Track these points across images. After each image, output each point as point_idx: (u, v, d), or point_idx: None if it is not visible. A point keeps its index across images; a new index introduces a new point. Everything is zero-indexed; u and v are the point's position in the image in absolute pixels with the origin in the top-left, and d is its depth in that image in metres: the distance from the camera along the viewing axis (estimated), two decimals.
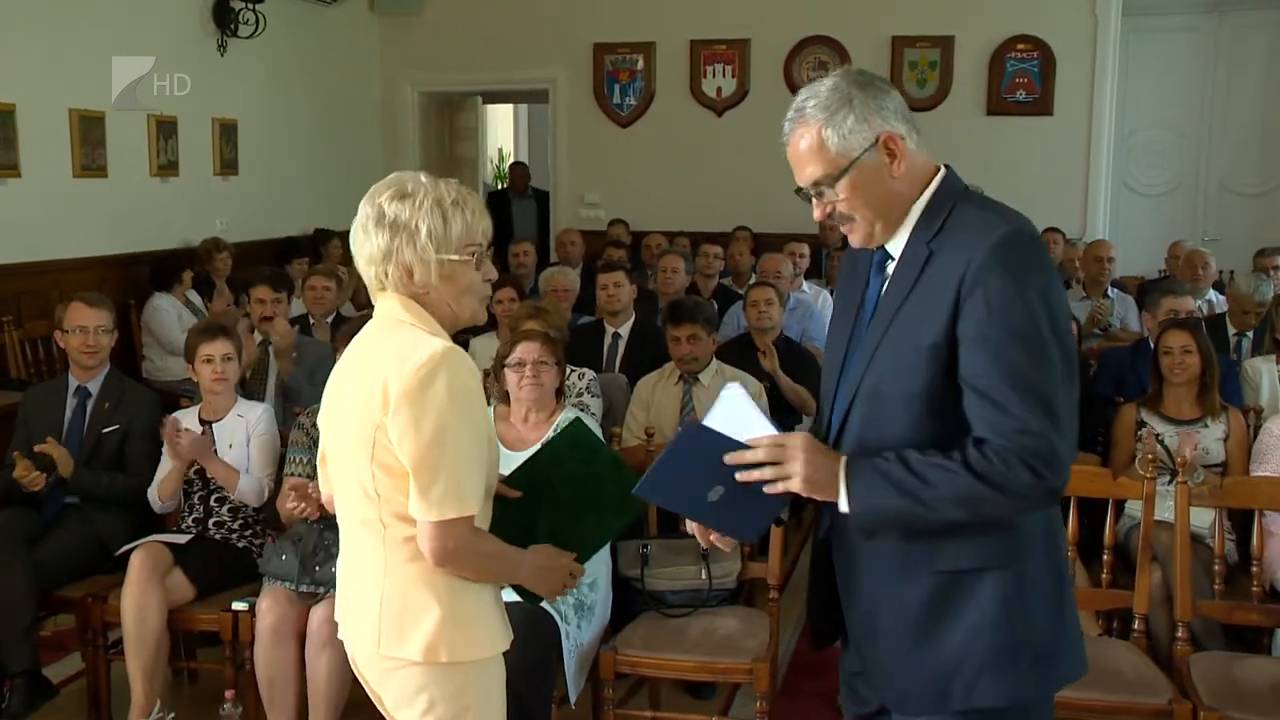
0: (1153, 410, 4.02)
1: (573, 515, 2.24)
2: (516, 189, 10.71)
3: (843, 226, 1.90)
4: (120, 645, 3.55)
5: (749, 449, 1.84)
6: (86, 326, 3.96)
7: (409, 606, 1.98)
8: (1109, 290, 6.62)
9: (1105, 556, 3.29)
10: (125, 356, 6.21)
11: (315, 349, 4.93)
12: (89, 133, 6.49)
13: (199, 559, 3.61)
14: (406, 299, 2.00)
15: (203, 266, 7.01)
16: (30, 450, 3.77)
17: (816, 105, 1.83)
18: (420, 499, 1.92)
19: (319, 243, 8.13)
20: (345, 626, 2.12)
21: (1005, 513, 1.79)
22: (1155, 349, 4.10)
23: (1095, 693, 2.90)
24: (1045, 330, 1.75)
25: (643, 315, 5.60)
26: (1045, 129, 8.49)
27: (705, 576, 3.43)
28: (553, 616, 3.11)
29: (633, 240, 8.44)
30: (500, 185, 12.13)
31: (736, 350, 5.16)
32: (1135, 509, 3.53)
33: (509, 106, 13.32)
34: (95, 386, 4.00)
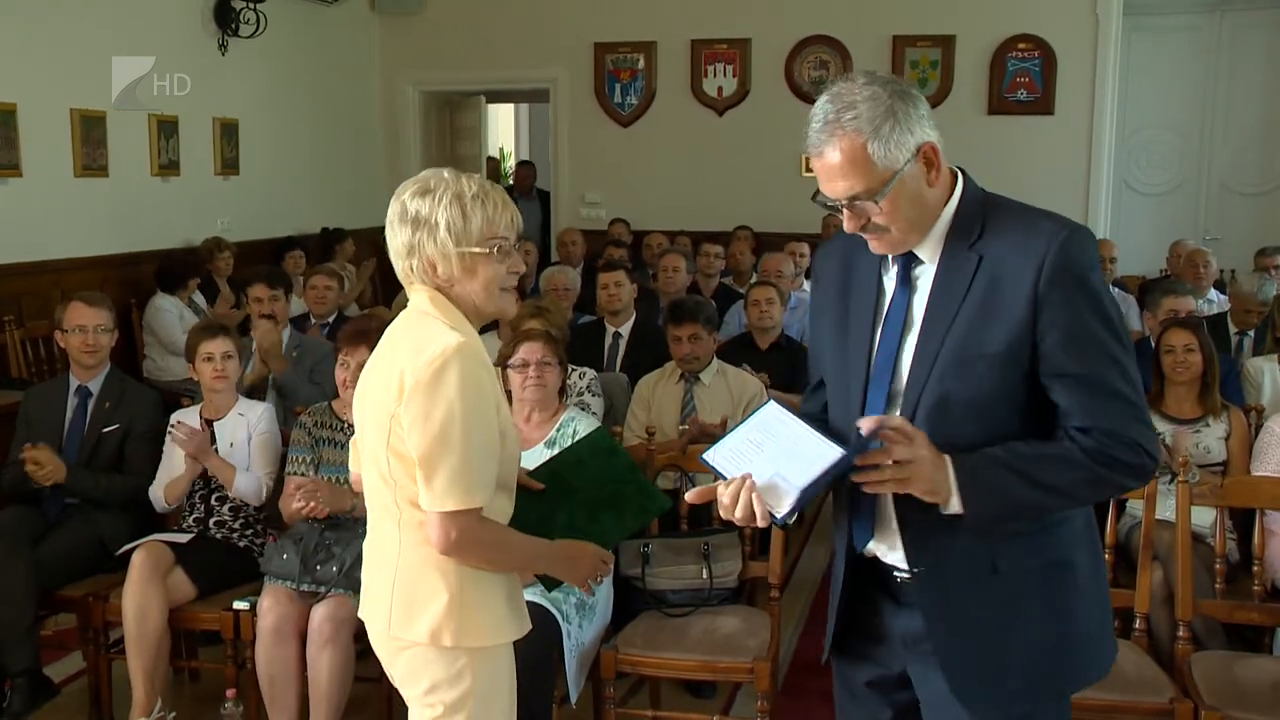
0: (1154, 409, 4.01)
1: (590, 513, 2.30)
2: (521, 189, 10.67)
3: (872, 236, 1.86)
4: (121, 644, 3.55)
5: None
6: (86, 326, 3.96)
7: (419, 590, 2.06)
8: (1110, 290, 6.61)
9: (1106, 556, 3.28)
10: (126, 356, 6.22)
11: (315, 348, 4.92)
12: (90, 132, 6.49)
13: (200, 558, 3.61)
14: (433, 292, 2.08)
15: (204, 267, 7.02)
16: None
17: (858, 118, 1.77)
18: (425, 489, 1.99)
19: (332, 242, 8.14)
20: (364, 604, 2.20)
21: (1111, 495, 1.91)
22: (1157, 348, 4.10)
23: (1096, 692, 2.87)
24: (1120, 320, 1.84)
25: (643, 314, 5.60)
26: (1046, 128, 8.48)
27: (706, 576, 3.43)
28: (554, 616, 3.11)
29: (634, 239, 8.45)
30: (503, 185, 12.12)
31: (737, 350, 5.16)
32: (1136, 508, 3.53)
33: (510, 106, 13.32)
34: (96, 386, 4.01)
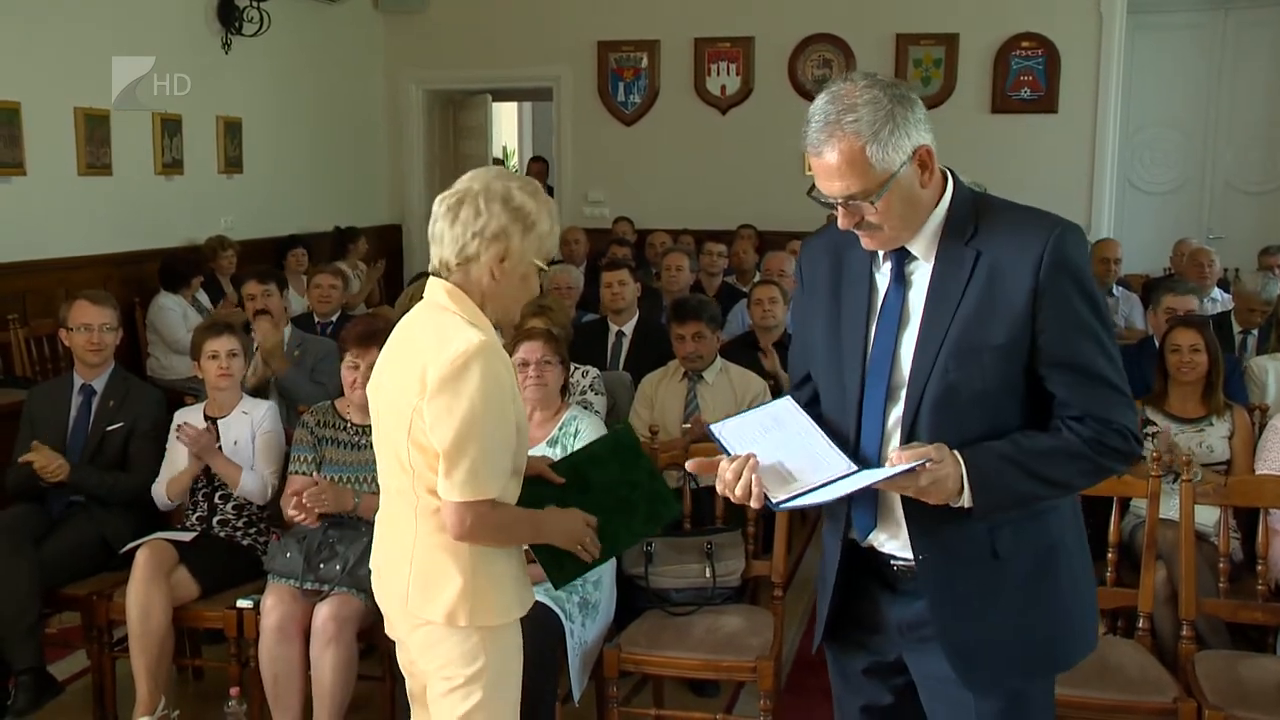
0: (1157, 408, 4.01)
1: (604, 515, 2.37)
2: None
3: (864, 233, 1.90)
4: (125, 643, 3.56)
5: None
6: (91, 324, 3.96)
7: (434, 573, 2.19)
8: (1114, 289, 6.61)
9: (1110, 555, 3.28)
10: (130, 355, 6.23)
11: (317, 346, 4.92)
12: (94, 131, 6.50)
13: (203, 557, 3.62)
14: (453, 287, 2.17)
15: (208, 265, 7.02)
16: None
17: (858, 121, 1.81)
18: (445, 480, 2.11)
19: (345, 240, 8.15)
20: (378, 583, 2.35)
21: (1101, 473, 1.92)
22: (1162, 347, 4.09)
23: (1100, 691, 2.91)
24: (1106, 311, 1.92)
25: (647, 313, 5.60)
26: (1050, 127, 8.47)
27: (709, 574, 3.43)
28: (557, 615, 3.11)
29: (637, 238, 8.45)
30: None
31: (740, 348, 5.16)
32: (1140, 507, 3.52)
33: (513, 105, 13.31)
34: (100, 384, 4.01)
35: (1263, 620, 3.29)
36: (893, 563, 1.99)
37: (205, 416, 3.85)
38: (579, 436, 3.41)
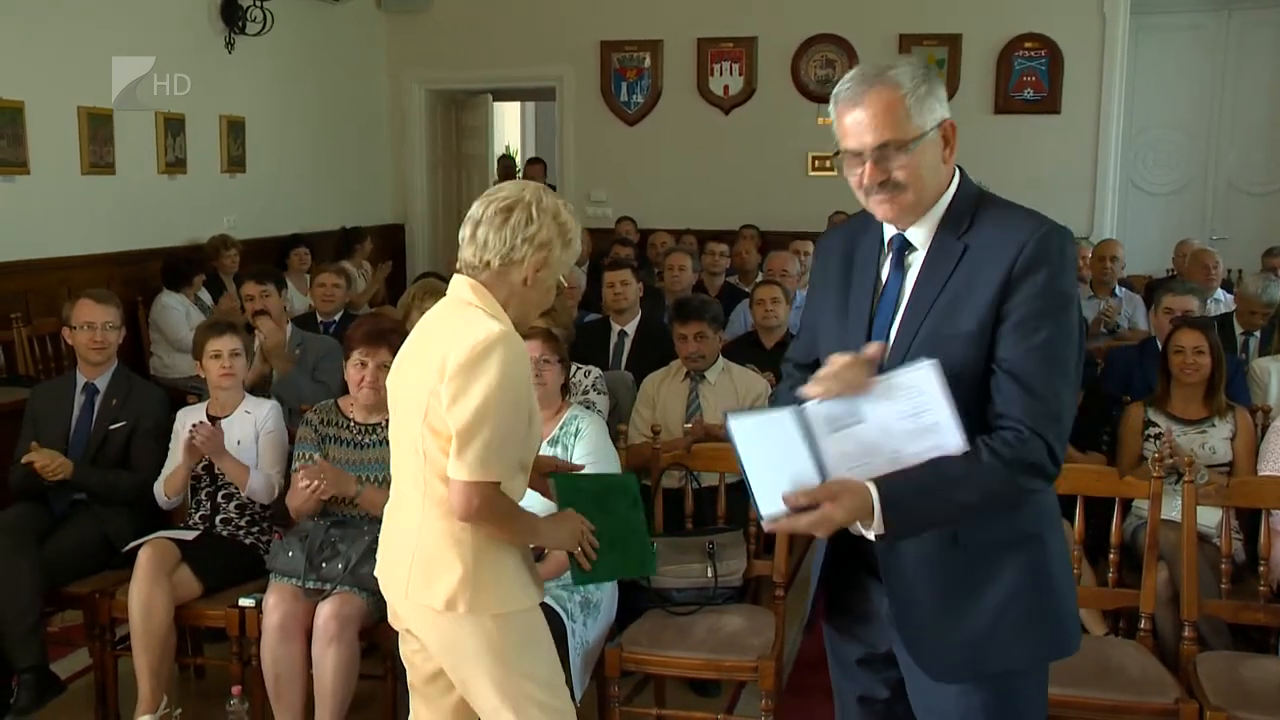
0: (1160, 410, 4.01)
1: (611, 538, 2.45)
2: None
3: (882, 197, 1.94)
4: (127, 641, 3.56)
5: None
6: (94, 323, 3.97)
7: (436, 560, 2.26)
8: (1116, 289, 6.61)
9: (1111, 556, 3.29)
10: (133, 353, 6.24)
11: (318, 345, 4.91)
12: (97, 130, 6.51)
13: (206, 555, 3.62)
14: (478, 283, 2.28)
15: (210, 264, 7.03)
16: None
17: (899, 74, 1.91)
18: (456, 459, 2.18)
19: (352, 240, 8.16)
20: (382, 570, 2.41)
21: (1016, 495, 1.89)
22: (1165, 348, 4.09)
23: (1101, 692, 2.91)
24: (1075, 323, 1.91)
25: (649, 313, 5.59)
26: (1053, 127, 8.47)
27: (711, 574, 3.43)
28: (558, 614, 3.11)
29: (639, 238, 8.45)
30: None
31: (743, 348, 5.16)
32: (1142, 508, 3.52)
33: (516, 105, 13.32)
34: (103, 383, 4.01)
35: (1264, 621, 3.29)
36: (875, 549, 2.01)
37: (208, 416, 3.85)
38: (580, 436, 3.41)
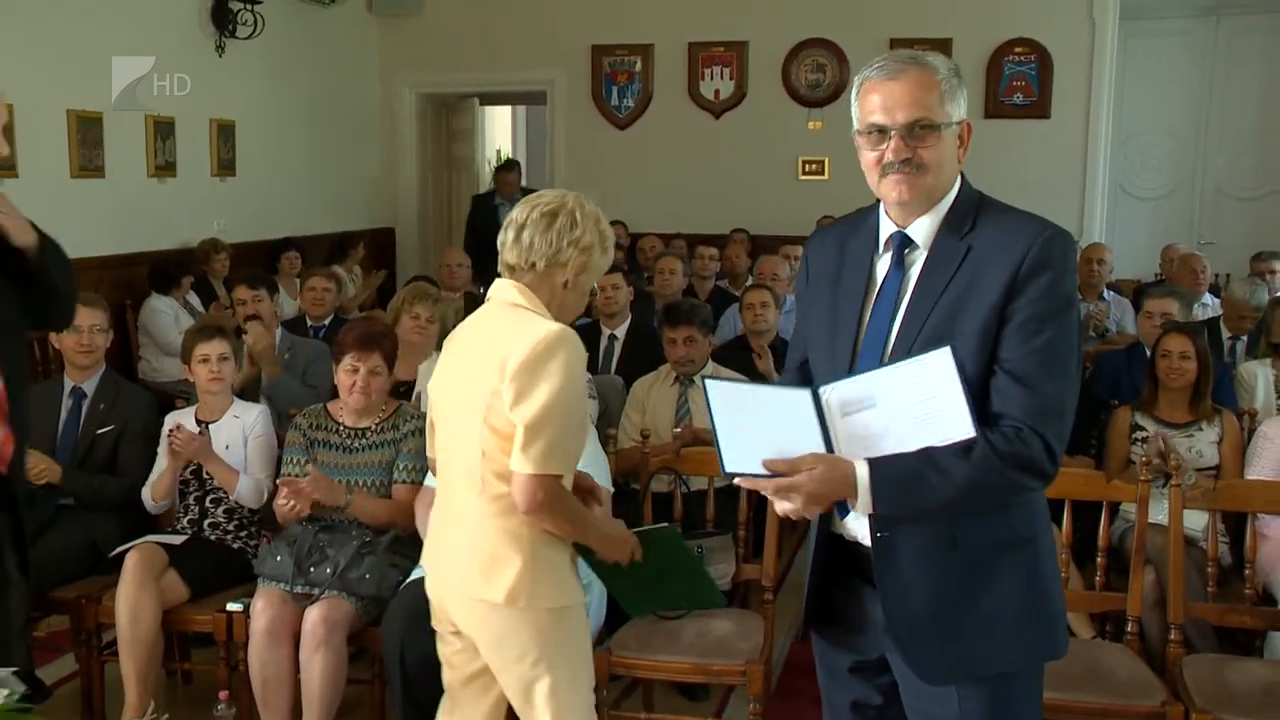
0: (1147, 413, 4.03)
1: (649, 574, 2.57)
2: (504, 194, 9.29)
3: (901, 176, 1.94)
4: (114, 646, 3.54)
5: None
6: (82, 326, 3.95)
7: (496, 556, 2.33)
8: (1105, 293, 6.63)
9: (1099, 559, 3.29)
10: (121, 357, 6.22)
11: (308, 349, 4.91)
12: (87, 133, 6.49)
13: (194, 560, 3.61)
14: (522, 285, 2.37)
15: (200, 268, 7.02)
16: None
17: (935, 60, 1.96)
18: (522, 453, 2.25)
19: (346, 245, 8.16)
20: (433, 570, 2.49)
21: (1010, 491, 1.90)
22: (1153, 352, 4.10)
23: (1088, 695, 2.92)
24: (1076, 326, 1.94)
25: (639, 317, 5.60)
26: (1043, 132, 8.50)
27: None
28: None
29: (630, 242, 8.45)
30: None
31: (732, 352, 5.17)
32: (1129, 511, 3.53)
33: (508, 108, 13.31)
34: (90, 387, 4.00)
35: (1250, 624, 3.31)
36: (868, 554, 2.01)
37: (196, 420, 3.84)
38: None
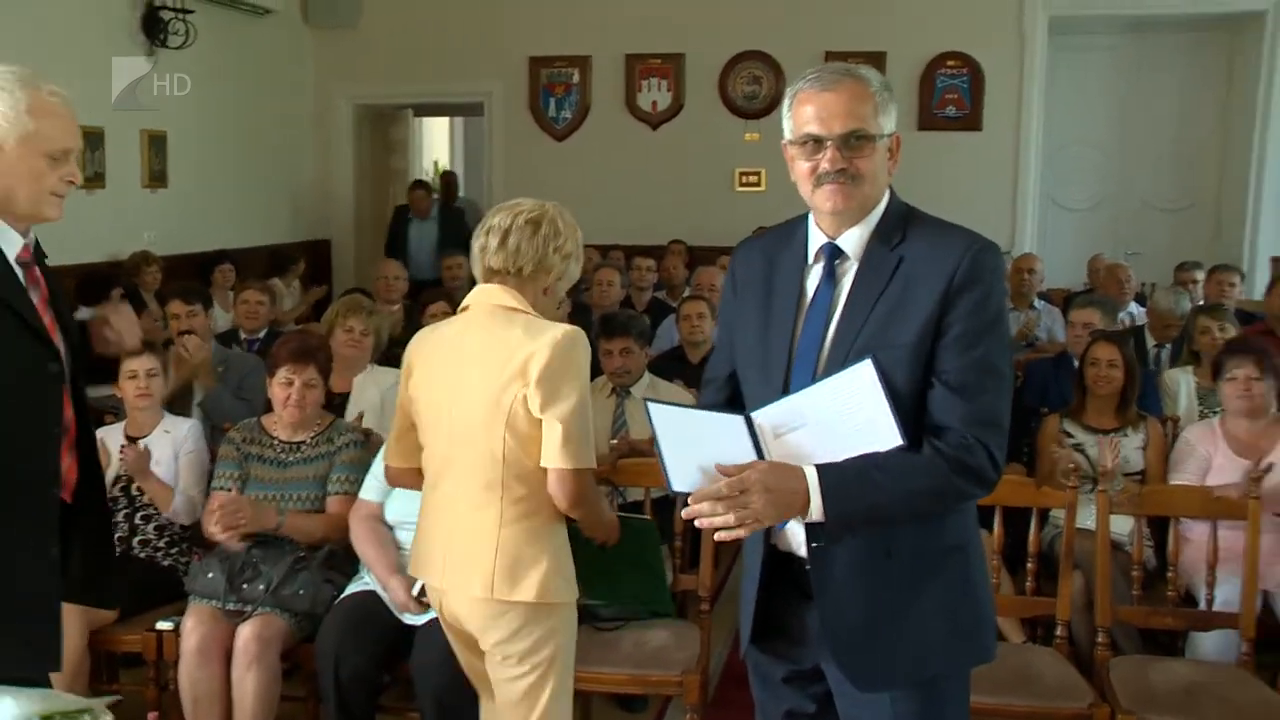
0: (1075, 420, 4.11)
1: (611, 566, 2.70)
2: (418, 210, 9.33)
3: (836, 186, 1.96)
4: None
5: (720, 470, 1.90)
6: None
7: (522, 557, 2.40)
8: (1035, 302, 6.76)
9: (1029, 564, 3.35)
10: None
11: (241, 362, 4.84)
12: None
13: (122, 579, 3.53)
14: (509, 288, 2.42)
15: (131, 280, 6.89)
16: None
17: (870, 75, 1.99)
18: (562, 450, 2.34)
19: (285, 261, 8.09)
20: (446, 578, 2.51)
21: (954, 499, 1.95)
22: (1081, 361, 4.19)
23: (1017, 699, 2.96)
24: (1007, 336, 2.00)
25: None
26: (974, 144, 8.65)
27: None
28: None
29: None
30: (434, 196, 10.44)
31: (669, 363, 5.18)
32: (1058, 517, 3.60)
33: (445, 120, 13.26)
34: None
35: (1173, 625, 3.39)
36: (806, 567, 2.01)
37: (126, 436, 3.78)
38: None
